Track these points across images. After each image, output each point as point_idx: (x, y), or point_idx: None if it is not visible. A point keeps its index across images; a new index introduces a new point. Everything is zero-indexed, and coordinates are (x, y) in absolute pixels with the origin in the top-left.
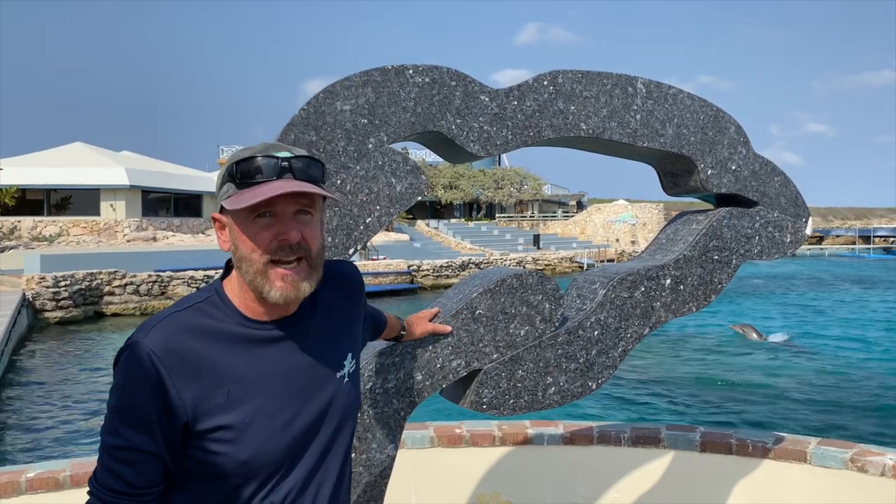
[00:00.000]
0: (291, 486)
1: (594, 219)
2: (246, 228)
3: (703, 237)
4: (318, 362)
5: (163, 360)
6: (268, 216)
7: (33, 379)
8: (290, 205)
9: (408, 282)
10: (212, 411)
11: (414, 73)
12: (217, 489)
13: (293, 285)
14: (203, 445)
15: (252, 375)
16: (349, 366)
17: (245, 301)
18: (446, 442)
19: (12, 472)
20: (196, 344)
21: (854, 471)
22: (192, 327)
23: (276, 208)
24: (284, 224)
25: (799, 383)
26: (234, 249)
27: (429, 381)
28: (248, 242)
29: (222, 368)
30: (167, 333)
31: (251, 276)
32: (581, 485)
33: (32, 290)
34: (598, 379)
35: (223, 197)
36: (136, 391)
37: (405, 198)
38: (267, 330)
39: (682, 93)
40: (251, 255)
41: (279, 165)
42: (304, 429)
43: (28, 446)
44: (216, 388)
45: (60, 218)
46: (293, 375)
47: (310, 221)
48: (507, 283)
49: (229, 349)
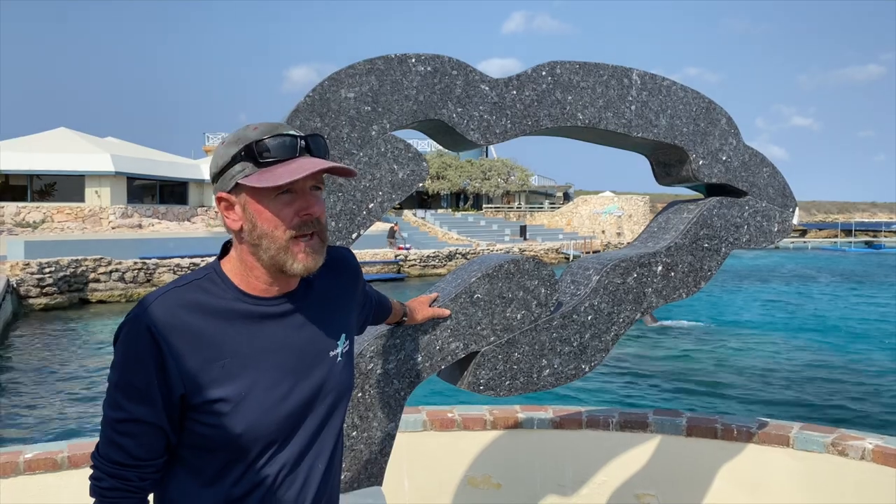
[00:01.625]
0: (286, 461)
1: (580, 210)
2: (268, 206)
3: (694, 226)
4: (313, 340)
5: (161, 333)
6: (289, 193)
7: (20, 364)
8: (310, 181)
9: (394, 271)
10: (208, 384)
11: (416, 61)
12: (214, 461)
13: (313, 257)
14: (200, 418)
15: (248, 350)
16: (342, 346)
17: (246, 278)
18: (439, 426)
19: (11, 452)
20: (194, 319)
21: (835, 454)
22: (190, 302)
23: (297, 185)
24: (306, 200)
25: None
26: (252, 228)
27: (428, 363)
28: (271, 219)
29: (219, 342)
30: (166, 308)
31: (273, 251)
32: (570, 467)
33: (17, 276)
34: (591, 362)
35: (239, 176)
36: (136, 365)
37: (407, 184)
38: (265, 306)
39: (675, 84)
40: (274, 231)
41: (299, 144)
42: (298, 404)
43: (19, 433)
44: (213, 362)
45: (44, 204)
46: (288, 352)
47: (321, 196)
48: (504, 268)
49: (226, 324)
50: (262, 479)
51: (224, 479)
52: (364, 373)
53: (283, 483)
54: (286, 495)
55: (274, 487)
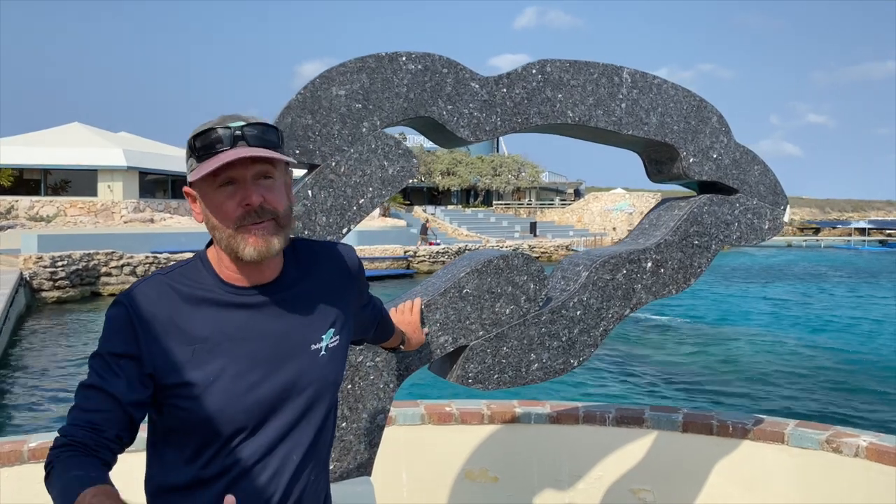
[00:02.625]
0: (256, 448)
1: (591, 207)
2: (212, 199)
3: (684, 222)
4: (291, 332)
5: (138, 316)
6: (230, 185)
7: (33, 356)
8: (249, 171)
9: (404, 267)
10: (178, 367)
11: (407, 59)
12: (190, 442)
13: (264, 240)
14: (173, 401)
15: (219, 337)
16: (328, 340)
17: (222, 267)
18: (436, 420)
19: (15, 441)
20: (170, 303)
21: (829, 451)
22: (170, 289)
23: (235, 175)
24: (246, 189)
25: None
26: (207, 219)
27: (417, 356)
28: (217, 211)
29: (191, 328)
30: (146, 292)
31: (225, 241)
32: (566, 462)
33: (30, 269)
34: (579, 356)
35: (188, 171)
36: (112, 341)
37: (397, 180)
38: (241, 295)
39: (666, 83)
40: (221, 223)
41: (233, 134)
42: (270, 394)
43: (28, 421)
44: (184, 346)
45: (58, 198)
46: (262, 341)
47: (272, 185)
48: (493, 263)
49: (200, 310)
50: (231, 463)
51: (197, 459)
52: (354, 365)
53: (253, 470)
54: (255, 482)
55: (243, 473)
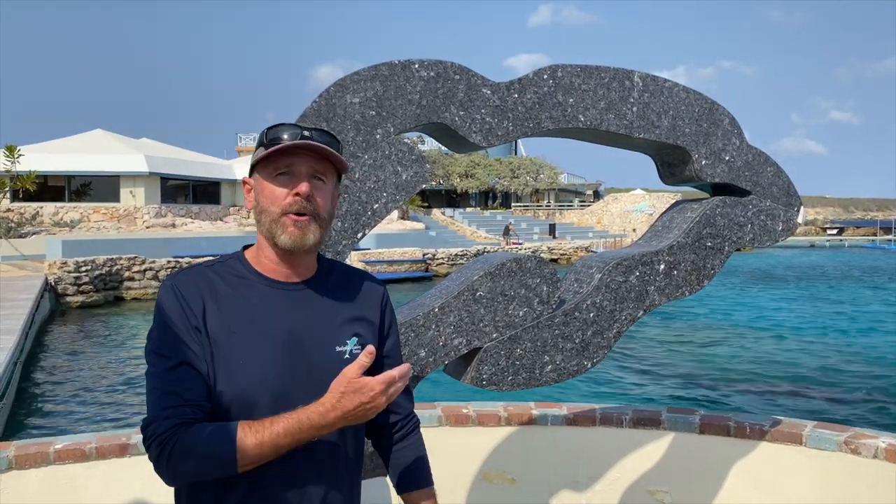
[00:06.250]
0: None
1: (611, 208)
2: (268, 184)
3: (697, 224)
4: (318, 329)
5: (183, 293)
6: (287, 175)
7: (58, 359)
8: (306, 166)
9: (422, 270)
10: (217, 347)
11: (420, 67)
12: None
13: (302, 231)
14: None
15: (252, 323)
16: (352, 346)
17: (261, 261)
18: (454, 421)
19: (41, 443)
20: (211, 288)
21: (848, 453)
22: (211, 276)
23: (294, 167)
24: (299, 180)
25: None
26: (256, 204)
27: (432, 358)
28: (268, 195)
29: (229, 313)
30: (189, 276)
31: (268, 224)
32: (583, 464)
33: (54, 274)
34: (593, 358)
35: (254, 158)
36: (170, 317)
37: (410, 185)
38: (275, 287)
39: (677, 86)
40: (269, 206)
41: (301, 133)
42: (288, 385)
43: (53, 423)
44: (223, 328)
45: (81, 204)
46: (292, 332)
47: (322, 187)
48: (506, 266)
49: (237, 297)
50: None
51: None
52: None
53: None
54: (269, 471)
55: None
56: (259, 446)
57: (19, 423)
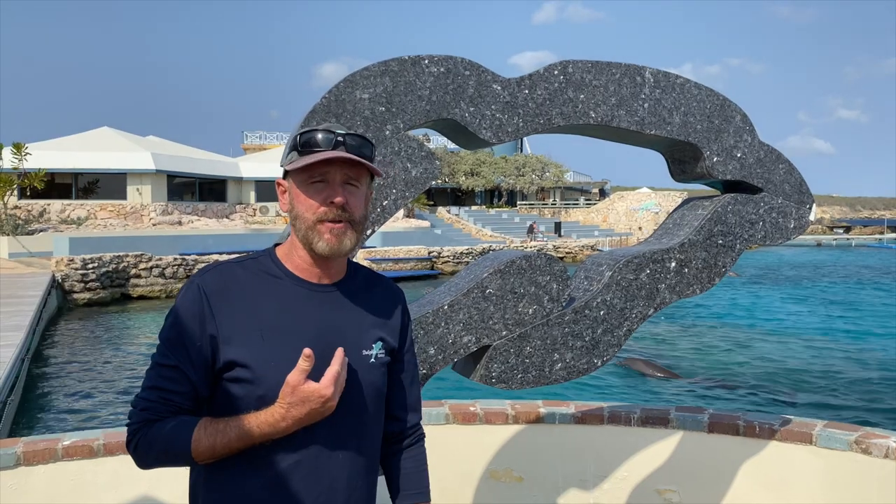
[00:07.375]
0: (303, 439)
1: (617, 207)
2: (303, 191)
3: (708, 222)
4: (346, 331)
5: (209, 294)
6: (321, 182)
7: (65, 356)
8: (340, 174)
9: (428, 268)
10: (245, 345)
11: (429, 63)
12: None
13: (338, 238)
14: (232, 376)
15: (282, 323)
16: (377, 350)
17: (293, 260)
18: (461, 419)
19: (49, 439)
20: (239, 287)
21: (858, 452)
22: (241, 273)
23: (328, 176)
24: (334, 188)
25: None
26: (291, 209)
27: (441, 356)
28: (303, 203)
29: (259, 311)
30: (219, 274)
31: (304, 231)
32: (591, 463)
33: (62, 271)
34: (603, 356)
35: (287, 163)
36: (185, 319)
37: (420, 182)
38: (308, 288)
39: (689, 82)
40: (305, 213)
41: (335, 139)
42: None
43: (61, 420)
44: (252, 326)
45: (88, 201)
46: (320, 333)
47: (356, 192)
48: (516, 264)
49: (267, 296)
50: (278, 448)
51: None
52: None
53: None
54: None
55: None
56: (211, 449)
57: (27, 419)
